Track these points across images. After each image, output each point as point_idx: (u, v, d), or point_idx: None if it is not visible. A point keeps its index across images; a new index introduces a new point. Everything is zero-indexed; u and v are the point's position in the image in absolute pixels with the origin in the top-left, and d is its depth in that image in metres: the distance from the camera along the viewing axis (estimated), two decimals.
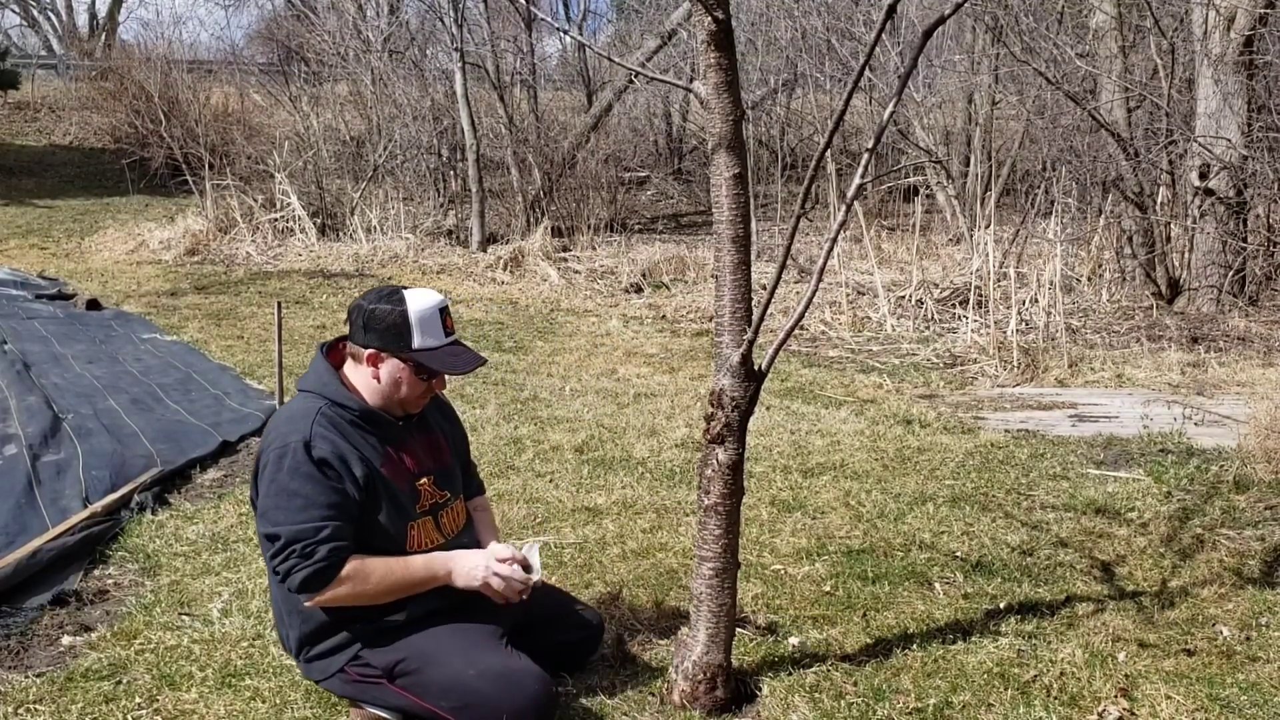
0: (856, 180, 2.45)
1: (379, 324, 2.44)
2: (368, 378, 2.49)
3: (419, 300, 2.46)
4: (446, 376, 2.57)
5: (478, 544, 2.67)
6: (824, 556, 3.61)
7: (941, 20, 2.42)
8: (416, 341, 2.45)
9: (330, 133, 14.77)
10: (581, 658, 2.77)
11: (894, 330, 8.16)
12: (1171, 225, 8.93)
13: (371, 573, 2.38)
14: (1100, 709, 2.61)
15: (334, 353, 2.58)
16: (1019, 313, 7.53)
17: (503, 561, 2.49)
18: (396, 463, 2.49)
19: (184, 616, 3.08)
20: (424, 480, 2.55)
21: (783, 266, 2.55)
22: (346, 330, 2.55)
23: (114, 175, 17.78)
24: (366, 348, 2.46)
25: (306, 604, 2.38)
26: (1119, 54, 9.30)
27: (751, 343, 2.52)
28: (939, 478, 4.51)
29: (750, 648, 2.90)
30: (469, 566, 2.47)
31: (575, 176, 13.72)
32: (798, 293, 8.93)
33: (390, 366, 2.47)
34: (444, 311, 2.50)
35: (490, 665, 2.39)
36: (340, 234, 12.68)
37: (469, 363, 2.52)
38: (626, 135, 17.74)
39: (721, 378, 2.55)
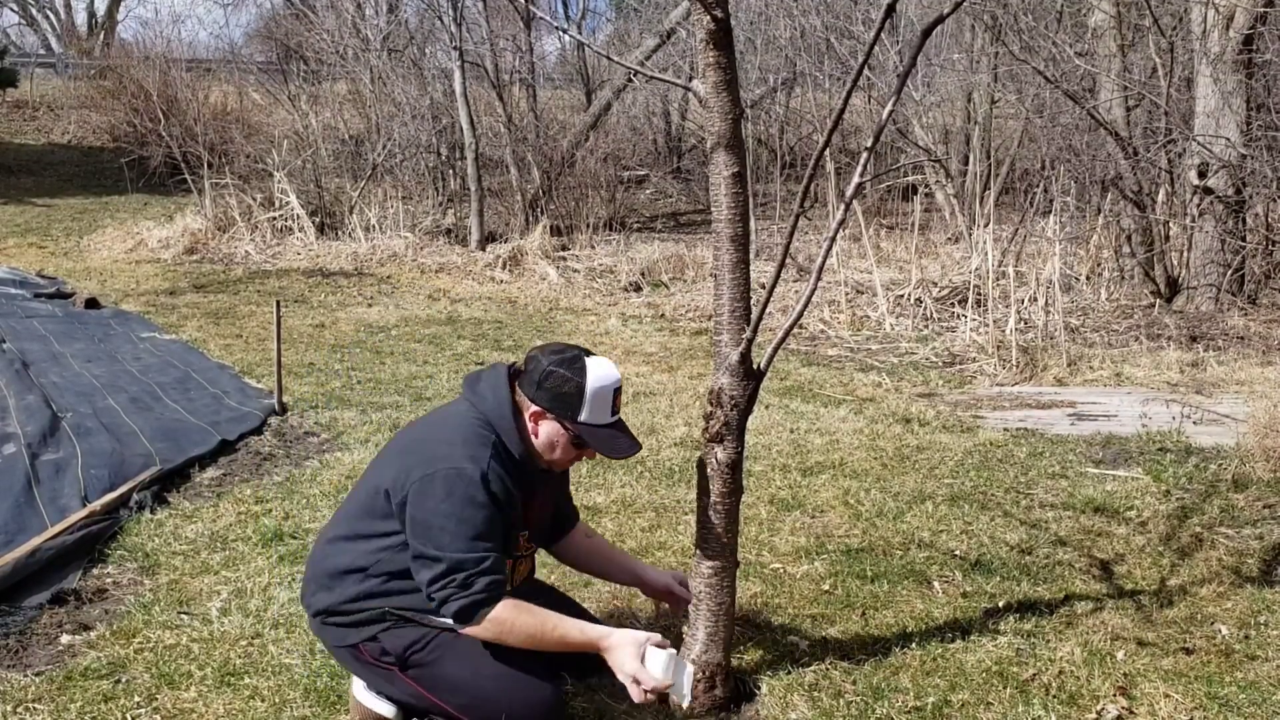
0: (855, 179, 2.45)
1: (553, 388, 2.42)
2: (527, 429, 2.48)
3: (597, 375, 2.43)
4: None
5: (629, 572, 2.77)
6: (823, 555, 3.62)
7: (940, 19, 2.42)
8: (584, 415, 2.43)
9: (329, 131, 14.77)
10: (588, 664, 2.75)
11: (893, 329, 8.16)
12: (1170, 224, 8.94)
13: (528, 613, 2.36)
14: (1099, 707, 2.61)
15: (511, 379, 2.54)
16: (1018, 311, 7.53)
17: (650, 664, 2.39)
18: (522, 510, 2.50)
19: (183, 615, 3.08)
20: (526, 532, 2.58)
21: (781, 265, 2.55)
22: (516, 363, 2.56)
23: (113, 174, 17.77)
24: (534, 403, 2.45)
25: (461, 629, 2.35)
26: (1118, 53, 9.30)
27: (750, 341, 2.52)
28: (938, 476, 4.52)
29: (749, 646, 2.90)
30: (625, 659, 2.35)
31: (574, 175, 13.72)
32: (797, 291, 8.93)
33: (551, 428, 2.46)
34: (617, 391, 2.48)
35: (503, 671, 2.38)
36: (339, 233, 12.67)
37: (627, 448, 2.50)
38: (625, 134, 17.72)
39: (720, 376, 2.55)
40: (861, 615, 3.14)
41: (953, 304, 8.61)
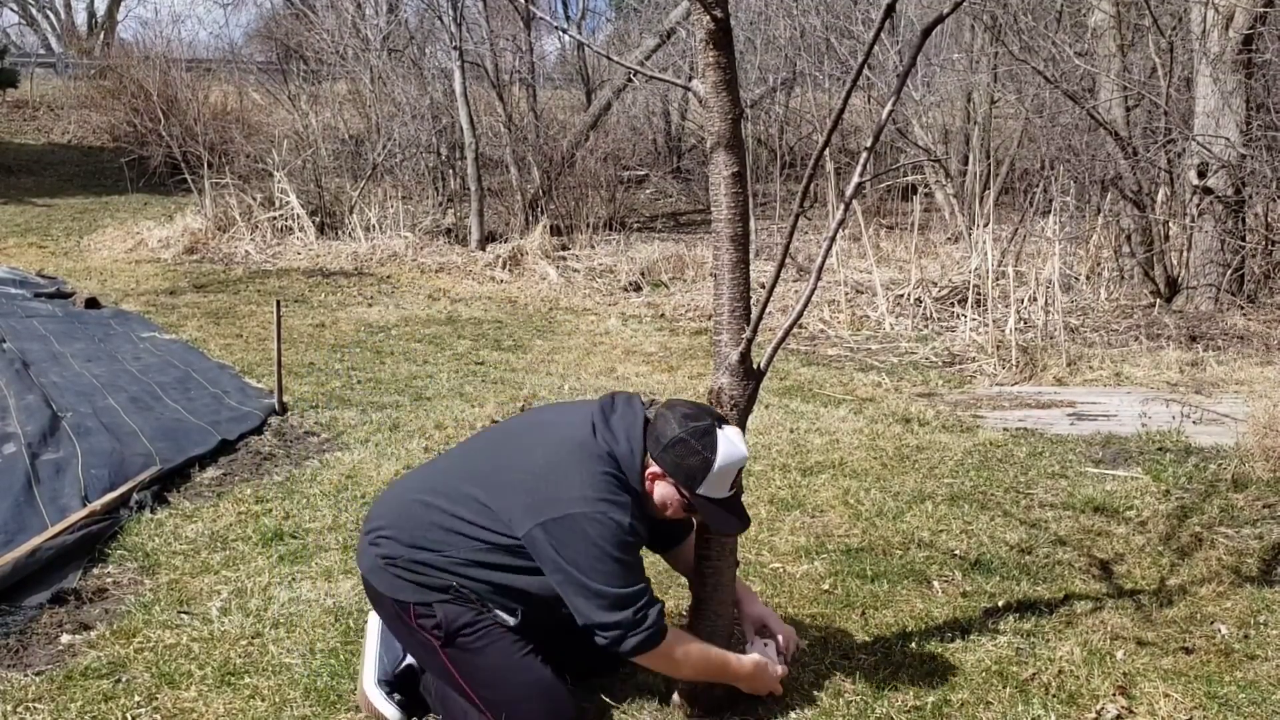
0: (855, 179, 2.45)
1: (680, 457, 2.39)
2: (645, 483, 2.47)
3: (727, 453, 2.39)
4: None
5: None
6: (823, 555, 3.62)
7: (940, 19, 2.43)
8: (703, 489, 2.41)
9: (329, 131, 14.76)
10: (597, 675, 2.75)
11: (893, 329, 8.16)
12: (1170, 224, 8.94)
13: (686, 650, 2.45)
14: (1098, 707, 2.61)
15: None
16: (1018, 311, 7.53)
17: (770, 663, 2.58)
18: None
19: (183, 615, 3.09)
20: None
21: (781, 265, 2.55)
22: (649, 404, 2.56)
23: (113, 174, 17.76)
24: (657, 464, 2.42)
25: (634, 659, 2.39)
26: (1117, 53, 9.30)
27: (750, 341, 2.52)
28: (938, 476, 4.52)
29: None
30: (764, 674, 2.55)
31: (574, 175, 13.71)
32: (796, 291, 8.93)
33: (667, 492, 2.44)
34: (740, 470, 2.47)
35: (539, 678, 2.41)
36: (339, 232, 12.67)
37: (737, 525, 2.51)
38: (625, 134, 17.71)
39: (720, 376, 2.55)
40: (861, 615, 3.14)
41: (952, 304, 8.61)
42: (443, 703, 2.52)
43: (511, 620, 2.43)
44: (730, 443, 2.40)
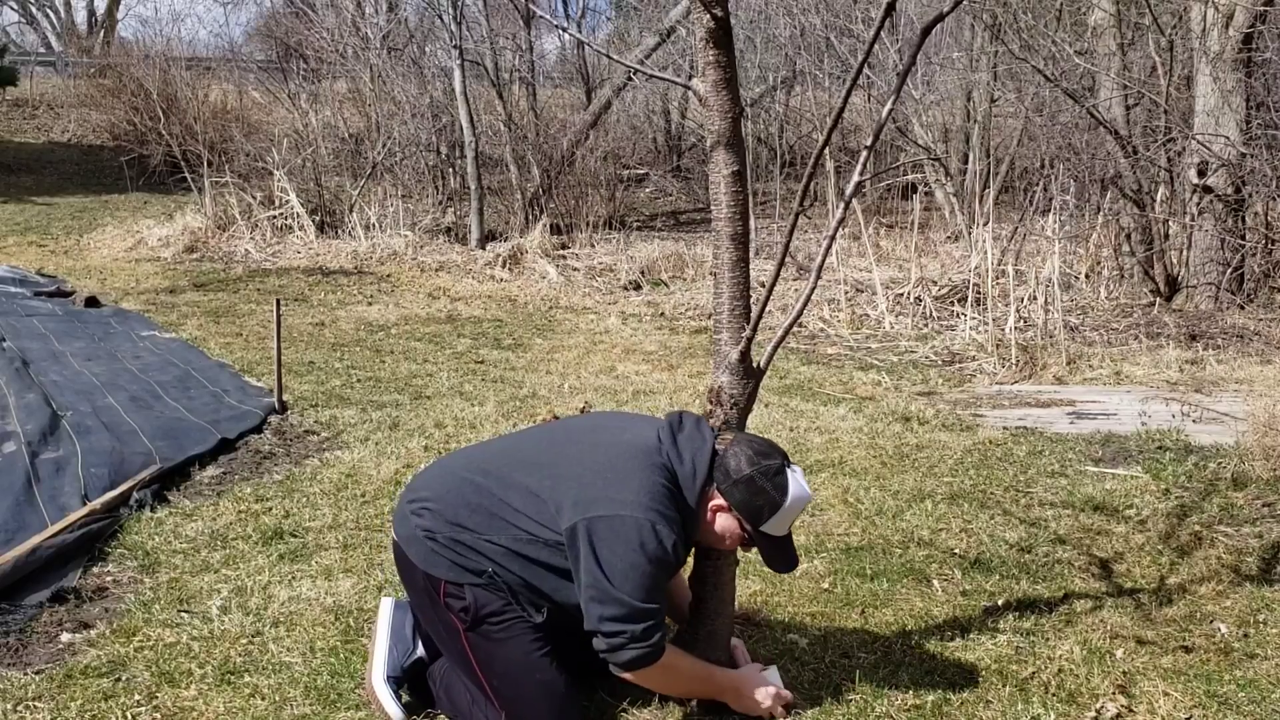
0: (855, 177, 2.45)
1: (750, 495, 2.39)
2: (706, 513, 2.46)
3: (795, 497, 2.41)
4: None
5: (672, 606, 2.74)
6: (822, 554, 3.62)
7: (940, 18, 2.43)
8: (766, 526, 2.42)
9: (329, 130, 14.76)
10: (588, 666, 2.75)
11: (892, 328, 8.16)
12: (1170, 223, 8.94)
13: (676, 671, 2.44)
14: (1098, 706, 2.61)
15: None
16: (1017, 310, 7.53)
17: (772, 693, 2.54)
18: None
19: (183, 614, 3.09)
20: None
21: (781, 264, 2.55)
22: (720, 431, 2.55)
23: (112, 172, 17.76)
24: (723, 497, 2.42)
25: (619, 673, 2.37)
26: (1117, 51, 9.30)
27: (750, 340, 2.52)
28: (937, 475, 4.52)
29: (749, 645, 2.90)
30: (756, 689, 2.52)
31: (574, 174, 13.72)
32: (796, 290, 8.93)
33: (729, 525, 2.44)
34: (803, 511, 2.48)
35: (553, 682, 2.41)
36: (339, 231, 12.67)
37: (786, 563, 2.52)
38: (625, 133, 17.72)
39: (720, 375, 2.55)
40: (861, 613, 3.14)
41: (952, 302, 8.61)
42: (448, 691, 2.52)
43: (539, 618, 2.42)
44: (799, 485, 2.42)
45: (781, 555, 2.50)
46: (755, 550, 2.50)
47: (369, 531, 3.75)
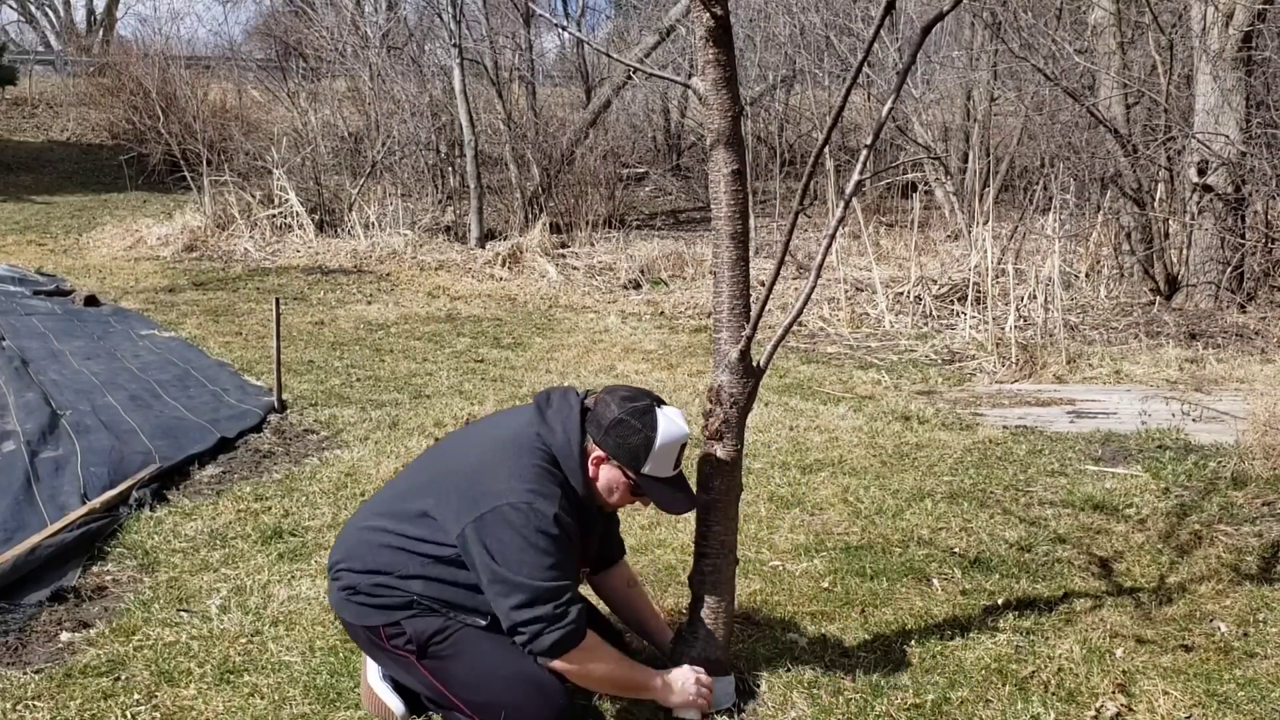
0: (855, 176, 2.45)
1: (621, 437, 2.41)
2: (588, 470, 2.47)
3: (667, 432, 2.41)
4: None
5: (643, 627, 2.75)
6: (822, 553, 3.62)
7: (940, 16, 2.42)
8: (647, 468, 2.42)
9: (328, 129, 14.76)
10: None
11: (892, 326, 8.16)
12: (1170, 221, 8.94)
13: (605, 656, 2.42)
14: (1098, 705, 2.61)
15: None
16: (1017, 309, 7.53)
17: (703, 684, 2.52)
18: (581, 550, 2.50)
19: (182, 613, 3.08)
20: (585, 570, 2.62)
21: (781, 263, 2.55)
22: (586, 394, 2.54)
23: (112, 171, 17.76)
24: (599, 448, 2.43)
25: (547, 663, 2.35)
26: (1117, 50, 9.30)
27: (750, 339, 2.51)
28: (937, 474, 4.52)
29: (749, 644, 2.90)
30: (684, 683, 2.49)
31: (573, 173, 13.72)
32: (796, 289, 8.93)
33: (612, 475, 2.45)
34: (683, 446, 2.47)
35: (520, 670, 2.38)
36: (338, 230, 12.67)
37: (683, 503, 2.51)
38: (625, 131, 17.72)
39: (720, 374, 2.55)
40: (861, 613, 3.14)
41: (952, 301, 8.61)
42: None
43: (482, 622, 2.42)
44: (671, 420, 2.43)
45: (674, 497, 2.48)
46: (652, 504, 2.50)
47: None
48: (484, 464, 2.42)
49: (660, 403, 2.47)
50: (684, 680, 2.49)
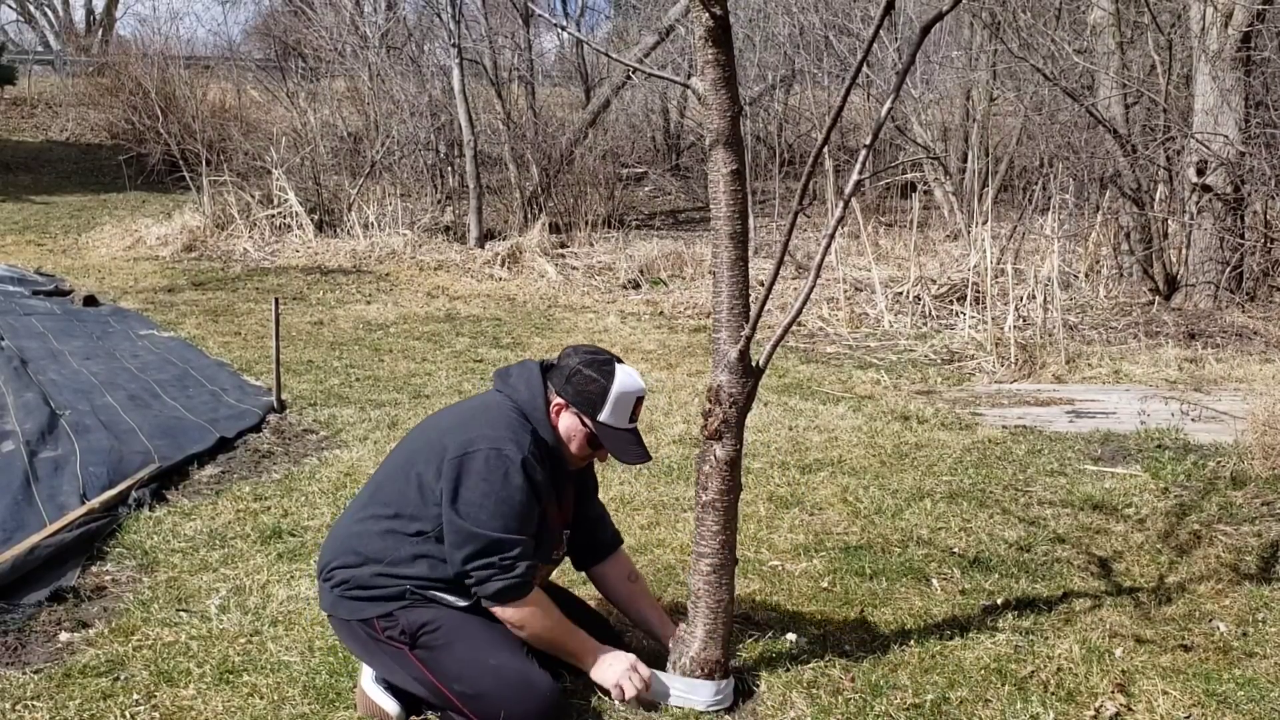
0: (854, 176, 2.45)
1: (580, 385, 2.54)
2: (551, 418, 2.58)
3: (624, 382, 2.55)
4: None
5: (646, 623, 2.77)
6: (822, 552, 3.62)
7: (940, 16, 2.42)
8: (603, 415, 2.54)
9: (328, 129, 14.75)
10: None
11: (891, 326, 8.16)
12: (1169, 221, 8.94)
13: (549, 613, 2.48)
14: (1097, 704, 2.61)
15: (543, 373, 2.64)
16: (1016, 309, 7.53)
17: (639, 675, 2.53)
18: (555, 508, 2.58)
19: (181, 613, 3.08)
20: (566, 532, 2.67)
21: (780, 262, 2.55)
22: (548, 360, 2.68)
23: (111, 171, 17.75)
24: (559, 396, 2.57)
25: (492, 608, 2.42)
26: (1116, 50, 9.30)
27: (749, 339, 2.51)
28: (936, 474, 4.52)
29: (748, 644, 2.90)
30: (616, 664, 2.53)
31: (573, 172, 13.72)
32: (795, 289, 8.93)
33: (570, 422, 2.57)
34: (639, 400, 2.59)
35: (509, 663, 2.41)
36: (338, 230, 12.67)
37: (638, 456, 2.61)
38: (624, 131, 17.72)
39: (719, 374, 2.55)
40: (860, 612, 3.14)
41: (951, 301, 8.62)
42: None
43: (463, 601, 2.47)
44: (628, 373, 2.58)
45: (628, 448, 2.58)
46: (610, 455, 2.59)
47: None
48: (460, 421, 2.56)
49: (619, 360, 2.61)
50: (618, 662, 2.53)
